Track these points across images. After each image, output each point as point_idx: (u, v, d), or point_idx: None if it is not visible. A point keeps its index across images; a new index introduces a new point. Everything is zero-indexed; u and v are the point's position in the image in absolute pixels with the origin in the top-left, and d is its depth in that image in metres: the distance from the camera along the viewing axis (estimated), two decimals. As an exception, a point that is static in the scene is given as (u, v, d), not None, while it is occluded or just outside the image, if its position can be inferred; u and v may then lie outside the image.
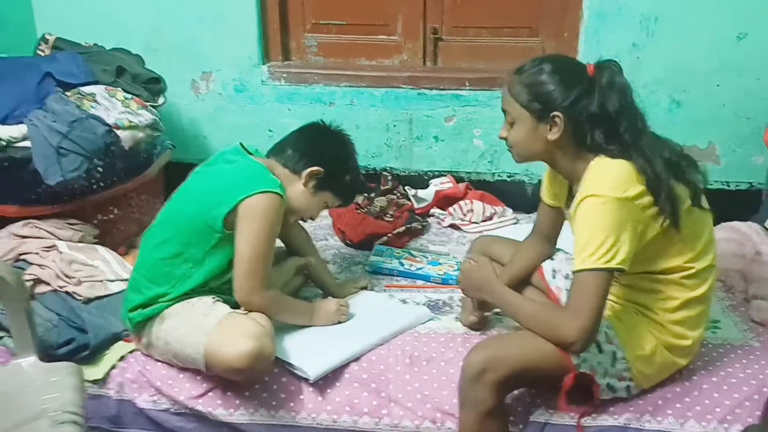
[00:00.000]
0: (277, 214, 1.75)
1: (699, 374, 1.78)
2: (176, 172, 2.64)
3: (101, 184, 2.21)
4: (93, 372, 1.84)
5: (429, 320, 2.01)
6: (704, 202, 1.66)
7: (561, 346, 1.57)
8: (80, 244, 2.14)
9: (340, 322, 1.94)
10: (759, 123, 2.60)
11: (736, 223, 2.36)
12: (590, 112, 1.57)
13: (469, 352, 1.64)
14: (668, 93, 2.61)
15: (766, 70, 2.55)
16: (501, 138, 1.70)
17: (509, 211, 2.73)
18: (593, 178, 1.56)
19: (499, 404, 1.62)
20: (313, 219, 1.98)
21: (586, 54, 2.57)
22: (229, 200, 1.72)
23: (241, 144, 1.92)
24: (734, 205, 2.54)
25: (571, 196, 1.75)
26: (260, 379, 1.80)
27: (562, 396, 1.59)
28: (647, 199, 1.54)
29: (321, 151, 1.87)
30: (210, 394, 1.81)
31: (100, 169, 2.17)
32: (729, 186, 2.73)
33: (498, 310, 1.97)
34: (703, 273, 1.66)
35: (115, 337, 1.91)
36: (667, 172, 1.55)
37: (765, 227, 2.34)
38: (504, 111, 1.68)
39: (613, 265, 1.51)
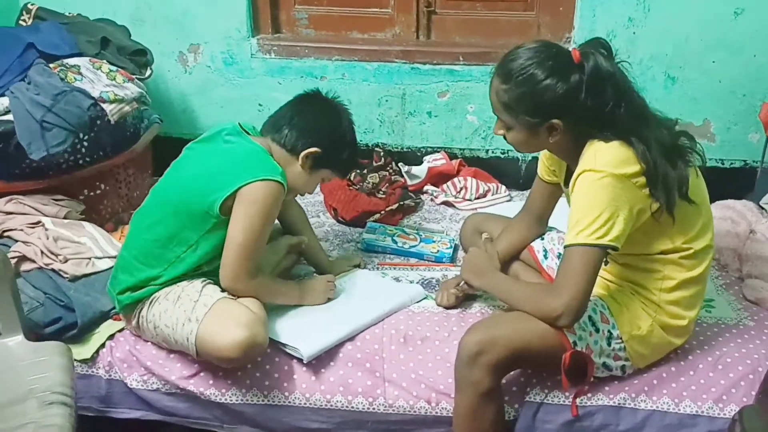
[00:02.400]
0: (276, 204, 1.71)
1: (694, 354, 1.78)
2: (164, 147, 2.61)
3: (87, 159, 2.16)
4: (82, 351, 1.81)
5: (423, 299, 1.99)
6: (699, 185, 1.64)
7: (548, 322, 1.56)
8: (66, 221, 2.09)
9: (329, 299, 1.92)
10: (754, 100, 2.59)
11: (730, 202, 2.35)
12: (586, 107, 1.52)
13: (465, 333, 1.62)
14: (664, 69, 2.58)
15: (762, 46, 2.52)
16: (497, 134, 1.66)
17: (503, 188, 2.70)
18: (592, 154, 1.54)
19: (496, 386, 1.61)
20: (310, 194, 1.94)
21: (582, 29, 2.53)
22: (228, 185, 1.67)
23: (239, 124, 1.85)
24: (729, 182, 2.53)
25: (570, 173, 1.73)
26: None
27: (563, 374, 1.58)
28: (642, 179, 1.52)
29: (318, 130, 1.80)
30: (201, 374, 1.78)
31: (85, 143, 2.12)
32: (724, 164, 2.71)
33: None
34: (701, 253, 1.65)
35: (104, 316, 1.88)
36: (664, 159, 1.52)
37: (760, 205, 2.33)
38: (496, 115, 1.63)
39: (605, 241, 1.49)
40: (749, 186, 2.58)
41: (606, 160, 1.51)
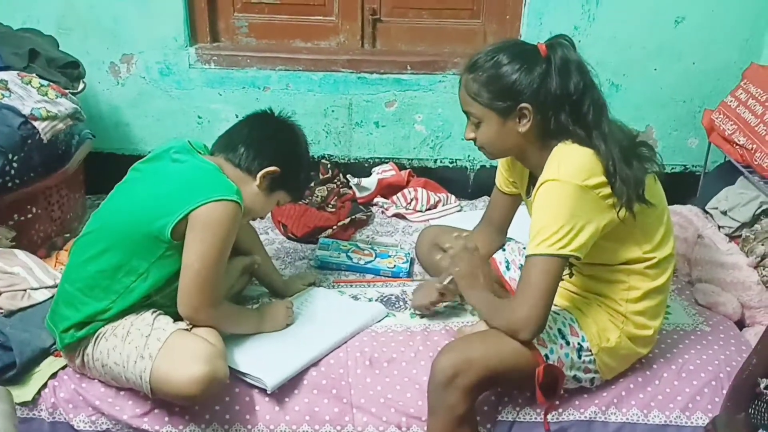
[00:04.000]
0: (233, 225, 1.59)
1: (658, 362, 1.79)
2: (96, 163, 2.47)
3: (17, 181, 1.99)
4: (22, 393, 1.66)
5: (384, 317, 1.93)
6: (658, 191, 1.65)
7: (511, 335, 1.55)
8: (-4, 250, 1.93)
9: (288, 325, 1.83)
10: (693, 106, 2.66)
11: (677, 207, 2.40)
12: (554, 95, 1.52)
13: (437, 355, 1.58)
14: (608, 77, 2.61)
15: (701, 54, 2.59)
16: (468, 139, 1.63)
17: (452, 198, 2.67)
18: (555, 163, 1.52)
19: (471, 407, 1.57)
20: (262, 218, 1.85)
21: (528, 37, 2.53)
22: (179, 207, 1.55)
23: (189, 142, 1.74)
24: (670, 188, 2.56)
25: (532, 182, 1.71)
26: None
27: (537, 389, 1.56)
28: (606, 189, 1.51)
29: (276, 149, 1.71)
30: (156, 411, 1.67)
31: (15, 164, 1.96)
32: (664, 169, 2.74)
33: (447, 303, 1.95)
34: (664, 262, 1.66)
35: (44, 353, 1.73)
36: (623, 159, 1.52)
37: (705, 210, 2.39)
38: (466, 113, 1.61)
39: (566, 252, 1.48)
40: (691, 190, 2.65)
41: (570, 170, 1.49)
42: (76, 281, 1.64)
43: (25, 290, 1.84)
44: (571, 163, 1.51)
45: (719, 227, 2.31)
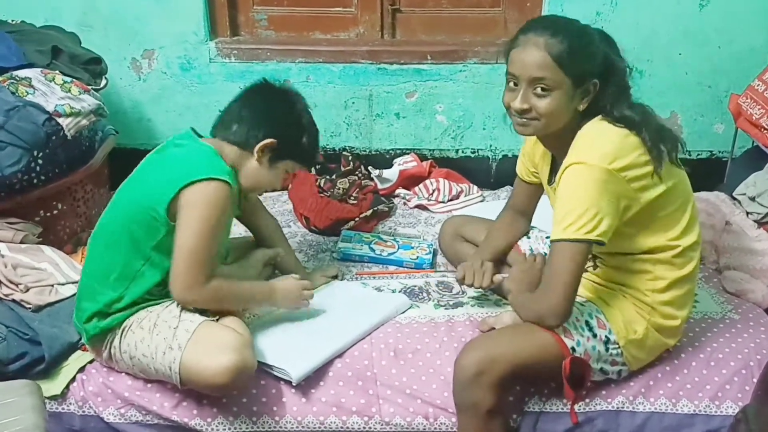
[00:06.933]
0: (221, 204, 1.58)
1: (686, 351, 1.77)
2: (120, 159, 2.47)
3: (42, 177, 2.01)
4: (51, 387, 1.68)
5: (408, 308, 1.92)
6: (682, 176, 1.63)
7: (538, 323, 1.55)
8: (23, 245, 1.94)
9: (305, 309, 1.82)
10: (719, 91, 2.62)
11: (704, 194, 2.36)
12: (614, 75, 1.54)
13: (459, 354, 1.58)
14: (632, 62, 2.50)
15: (726, 38, 2.54)
16: (520, 110, 1.52)
17: (475, 188, 2.65)
18: (581, 146, 1.51)
19: (499, 403, 1.56)
20: (276, 190, 1.84)
21: (550, 24, 2.50)
22: (170, 188, 1.56)
23: (192, 129, 1.75)
24: (696, 174, 2.53)
25: (554, 171, 1.69)
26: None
27: (564, 382, 1.55)
28: (633, 172, 1.49)
29: (269, 119, 1.68)
30: (184, 403, 1.68)
31: (40, 161, 1.97)
32: (691, 155, 2.72)
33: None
34: (689, 250, 1.63)
35: (72, 347, 1.75)
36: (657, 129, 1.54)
37: (733, 197, 2.35)
38: (534, 78, 1.49)
39: (592, 236, 1.46)
40: (717, 176, 2.60)
41: (597, 153, 1.47)
42: (91, 273, 1.67)
43: (52, 285, 1.85)
44: (598, 146, 1.49)
45: (747, 213, 2.27)
